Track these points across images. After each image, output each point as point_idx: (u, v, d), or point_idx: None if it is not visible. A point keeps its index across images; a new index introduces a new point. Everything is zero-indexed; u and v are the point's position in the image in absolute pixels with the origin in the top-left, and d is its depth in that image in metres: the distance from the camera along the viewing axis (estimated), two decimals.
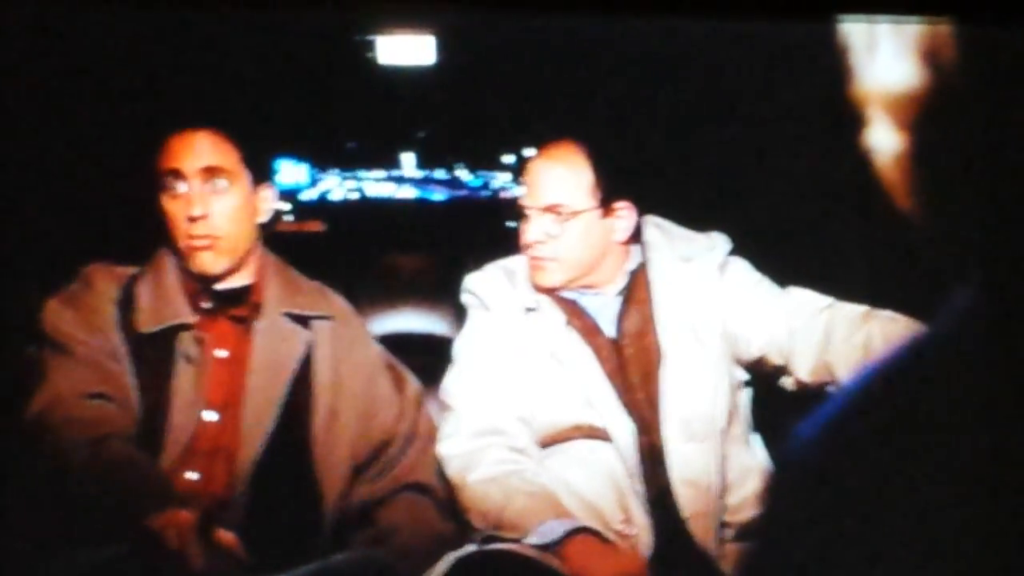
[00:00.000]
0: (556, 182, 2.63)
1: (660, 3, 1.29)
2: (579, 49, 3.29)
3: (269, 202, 2.65)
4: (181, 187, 2.53)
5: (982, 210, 0.95)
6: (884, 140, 0.97)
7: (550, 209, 2.61)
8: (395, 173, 5.79)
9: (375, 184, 5.67)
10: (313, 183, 5.48)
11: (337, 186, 5.46)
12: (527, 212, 2.64)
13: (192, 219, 2.52)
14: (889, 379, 1.02)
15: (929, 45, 0.92)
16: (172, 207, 2.54)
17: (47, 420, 2.42)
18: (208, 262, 2.55)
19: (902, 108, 0.94)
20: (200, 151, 2.55)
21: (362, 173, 5.59)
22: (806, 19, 1.28)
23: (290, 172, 5.51)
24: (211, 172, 2.54)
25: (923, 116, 0.93)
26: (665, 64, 3.25)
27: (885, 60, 0.95)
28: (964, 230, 0.96)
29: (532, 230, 2.63)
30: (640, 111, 3.38)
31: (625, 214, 2.66)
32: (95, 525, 2.31)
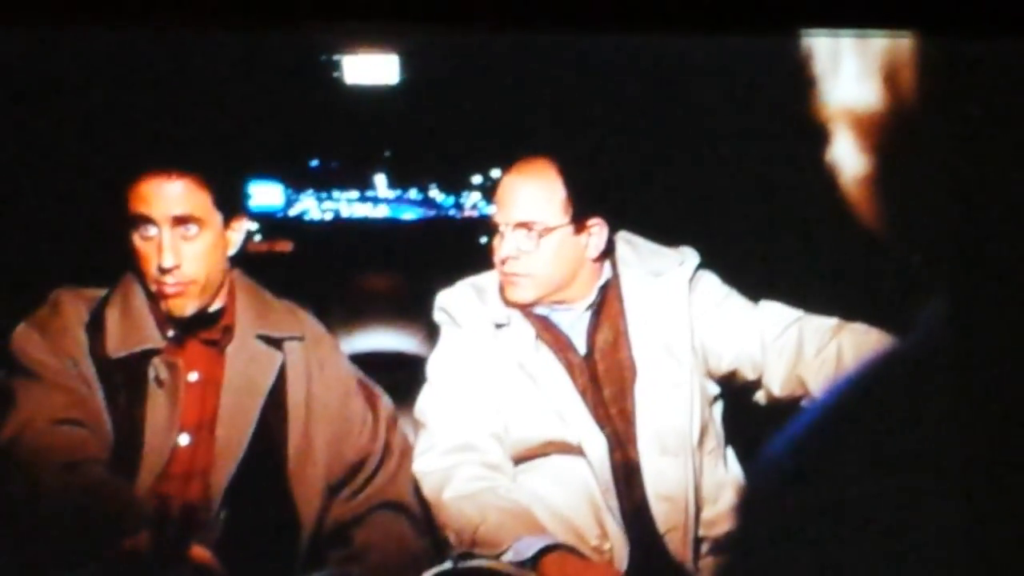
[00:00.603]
0: (528, 198, 2.63)
1: (625, 19, 1.29)
2: (547, 66, 3.30)
3: (240, 233, 2.62)
4: (152, 231, 2.48)
5: (949, 224, 0.95)
6: (847, 159, 0.98)
7: (523, 225, 2.61)
8: (366, 193, 5.78)
9: (346, 204, 5.66)
10: (288, 205, 5.47)
11: (312, 207, 5.45)
12: (499, 228, 2.64)
13: (164, 270, 2.48)
14: (860, 391, 1.02)
15: (891, 62, 0.93)
16: (143, 249, 2.50)
17: (18, 446, 2.40)
18: (179, 306, 2.52)
19: (865, 127, 0.95)
20: (171, 198, 2.48)
21: (333, 193, 5.58)
22: (771, 33, 1.28)
23: (264, 194, 5.49)
24: (182, 220, 2.49)
25: (885, 134, 0.94)
26: (633, 80, 3.26)
27: (848, 79, 0.95)
28: (931, 245, 0.97)
29: (505, 246, 2.63)
30: (609, 127, 3.39)
31: (597, 230, 2.67)
32: (70, 549, 2.29)
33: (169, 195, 2.49)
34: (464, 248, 3.20)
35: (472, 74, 3.64)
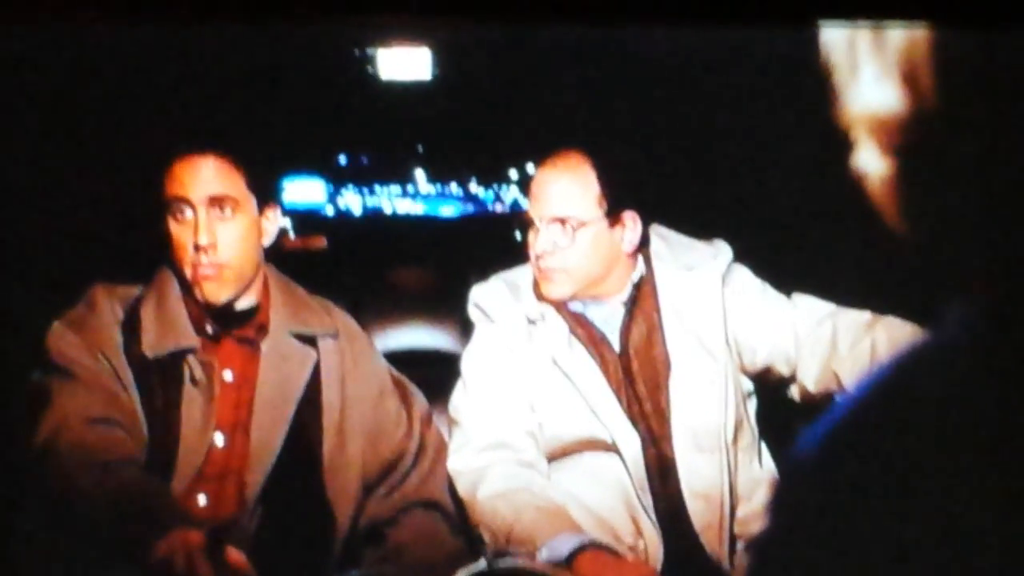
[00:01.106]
0: (563, 193, 2.61)
1: (656, 12, 1.28)
2: (578, 59, 3.29)
3: (274, 223, 2.61)
4: (187, 214, 2.48)
5: (977, 221, 0.94)
6: (869, 160, 0.96)
7: (557, 220, 2.60)
8: (399, 188, 5.80)
9: (379, 199, 5.68)
10: (328, 200, 5.49)
11: (348, 202, 5.47)
12: (534, 223, 2.63)
13: (198, 248, 2.47)
14: (892, 385, 1.01)
15: (913, 57, 0.91)
16: (178, 233, 2.50)
17: (54, 446, 2.40)
18: (214, 291, 2.51)
19: (888, 123, 0.93)
20: (206, 178, 2.49)
21: (365, 189, 5.60)
22: (786, 25, 1.27)
23: (305, 190, 5.51)
24: (218, 200, 2.49)
25: (907, 133, 0.92)
26: (666, 72, 3.25)
27: (870, 74, 0.94)
28: (959, 241, 0.95)
29: (540, 241, 2.61)
30: (643, 120, 3.38)
31: (631, 224, 2.65)
32: (105, 549, 2.30)
33: (204, 175, 2.49)
34: (498, 243, 3.18)
35: (504, 68, 3.64)
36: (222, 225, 2.50)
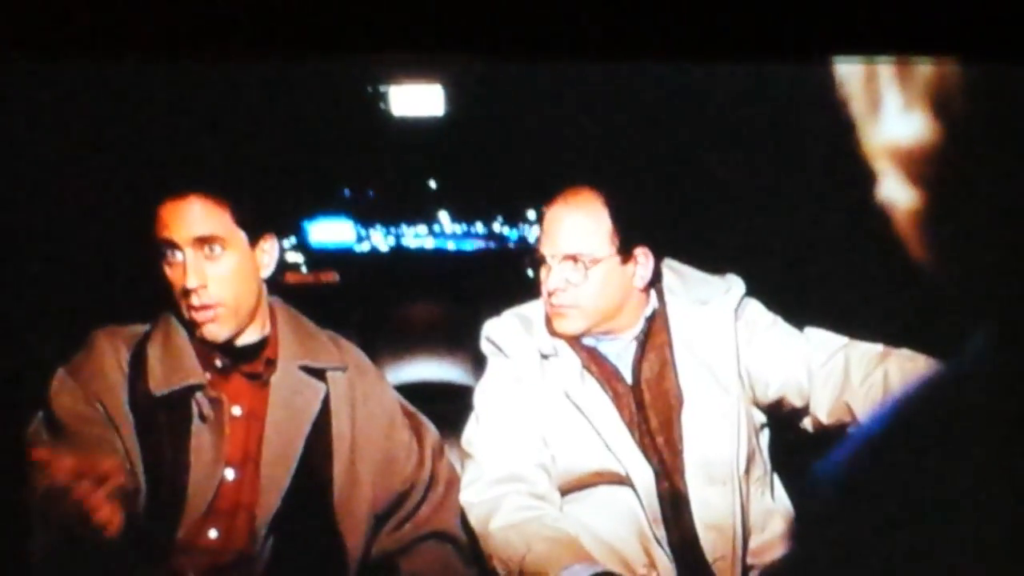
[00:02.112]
0: (576, 230, 2.61)
1: (666, 48, 1.29)
2: (588, 95, 3.31)
3: (271, 254, 2.60)
4: (177, 256, 2.48)
5: (998, 254, 0.94)
6: (894, 193, 0.97)
7: (570, 257, 2.60)
8: (410, 224, 5.82)
9: (390, 235, 5.69)
10: (342, 236, 5.52)
11: (367, 238, 5.49)
12: (546, 260, 2.63)
13: (187, 291, 2.47)
14: (908, 417, 1.02)
15: (936, 91, 0.92)
16: (170, 276, 2.50)
17: (45, 510, 2.40)
18: (212, 331, 2.51)
19: (909, 157, 0.94)
20: (191, 219, 2.47)
21: (376, 224, 5.61)
22: (802, 60, 1.28)
23: (333, 230, 5.53)
24: (204, 240, 2.48)
25: (931, 164, 0.93)
26: (676, 108, 3.26)
27: (891, 109, 0.95)
28: (980, 274, 0.96)
29: (553, 278, 2.61)
30: (654, 155, 3.39)
31: (643, 260, 2.66)
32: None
33: (187, 216, 2.48)
34: (510, 278, 3.19)
35: (513, 104, 3.65)
36: (210, 265, 2.49)
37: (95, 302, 3.02)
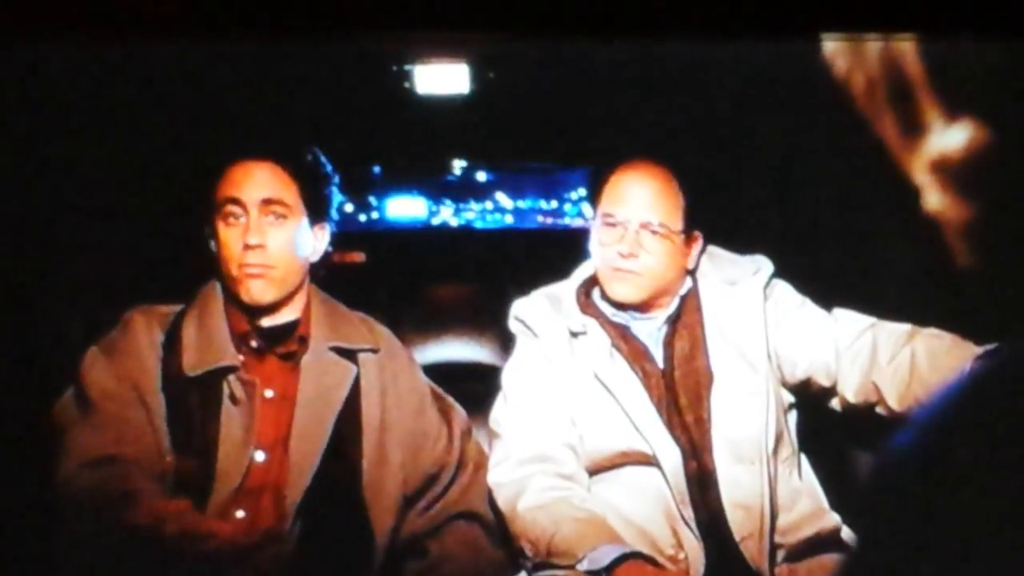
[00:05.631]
0: (657, 200, 2.61)
1: (690, 26, 1.29)
2: (618, 73, 3.29)
3: (323, 242, 2.65)
4: (239, 215, 2.53)
5: None
6: (940, 203, 0.97)
7: (648, 225, 2.59)
8: (438, 202, 5.81)
9: (423, 213, 5.69)
10: (369, 214, 5.53)
11: (394, 216, 5.50)
12: (618, 223, 2.62)
13: (248, 247, 2.51)
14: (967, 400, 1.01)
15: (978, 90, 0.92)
16: (227, 235, 2.54)
17: (68, 489, 2.41)
18: (258, 291, 2.53)
19: (955, 170, 0.94)
20: (261, 182, 2.54)
21: (410, 202, 5.61)
22: (790, 38, 1.28)
23: (405, 206, 5.56)
24: (270, 203, 2.53)
25: (965, 155, 0.93)
26: (701, 85, 3.25)
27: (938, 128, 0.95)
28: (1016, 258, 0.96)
29: (627, 242, 2.60)
30: (687, 134, 3.38)
31: (698, 243, 2.67)
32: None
33: (259, 178, 2.55)
34: (538, 257, 3.18)
35: (541, 82, 3.64)
36: (272, 229, 2.54)
37: (129, 281, 3.03)
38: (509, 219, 5.98)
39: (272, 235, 2.54)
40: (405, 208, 5.53)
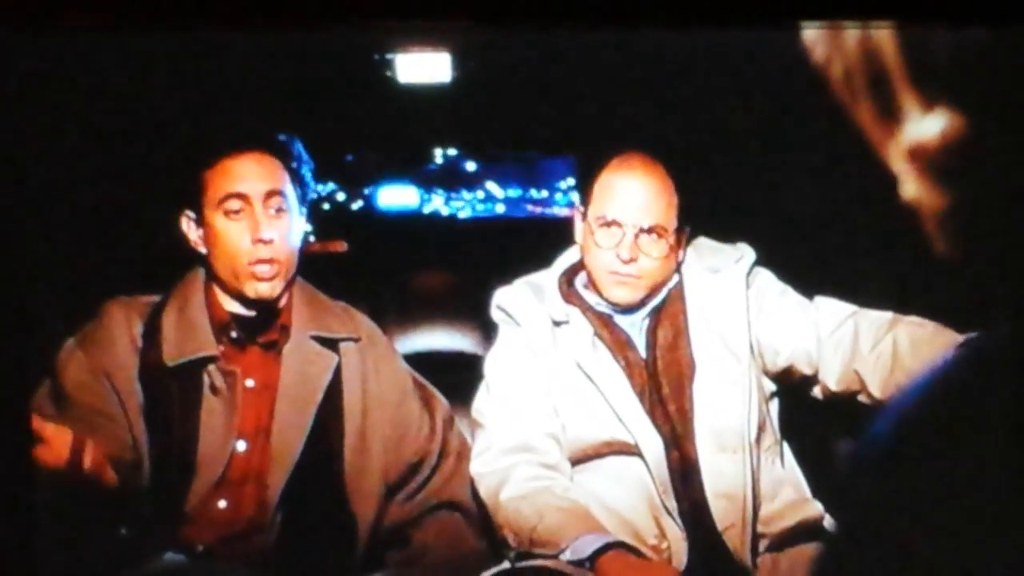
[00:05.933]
0: (655, 202, 2.59)
1: (676, 16, 1.28)
2: (600, 62, 3.29)
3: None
4: (242, 209, 2.50)
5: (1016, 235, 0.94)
6: (922, 192, 0.97)
7: (651, 230, 2.58)
8: (420, 191, 5.81)
9: (404, 203, 5.69)
10: (350, 203, 5.53)
11: (375, 205, 5.51)
12: (614, 226, 2.59)
13: (261, 241, 2.49)
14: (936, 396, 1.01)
15: (958, 73, 0.92)
16: (230, 229, 2.51)
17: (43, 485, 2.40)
18: (267, 289, 2.53)
19: (933, 155, 0.94)
20: (262, 174, 2.52)
21: (392, 191, 5.61)
22: (769, 27, 1.27)
23: (398, 195, 5.56)
24: (272, 196, 2.52)
25: (945, 142, 0.93)
26: (682, 74, 3.25)
27: (900, 84, 0.94)
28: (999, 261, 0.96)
29: (630, 247, 2.57)
30: (666, 125, 3.37)
31: (687, 239, 2.67)
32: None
33: (259, 171, 2.53)
34: (520, 246, 3.18)
35: (524, 72, 3.64)
36: (277, 221, 2.52)
37: (106, 272, 3.02)
38: (500, 208, 5.99)
39: (280, 227, 2.52)
40: (396, 197, 5.53)
